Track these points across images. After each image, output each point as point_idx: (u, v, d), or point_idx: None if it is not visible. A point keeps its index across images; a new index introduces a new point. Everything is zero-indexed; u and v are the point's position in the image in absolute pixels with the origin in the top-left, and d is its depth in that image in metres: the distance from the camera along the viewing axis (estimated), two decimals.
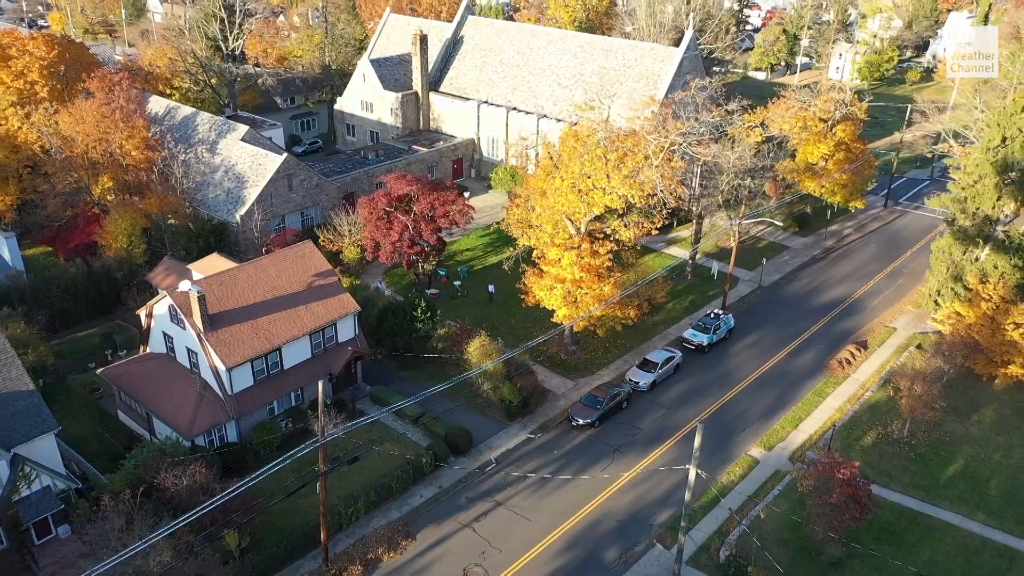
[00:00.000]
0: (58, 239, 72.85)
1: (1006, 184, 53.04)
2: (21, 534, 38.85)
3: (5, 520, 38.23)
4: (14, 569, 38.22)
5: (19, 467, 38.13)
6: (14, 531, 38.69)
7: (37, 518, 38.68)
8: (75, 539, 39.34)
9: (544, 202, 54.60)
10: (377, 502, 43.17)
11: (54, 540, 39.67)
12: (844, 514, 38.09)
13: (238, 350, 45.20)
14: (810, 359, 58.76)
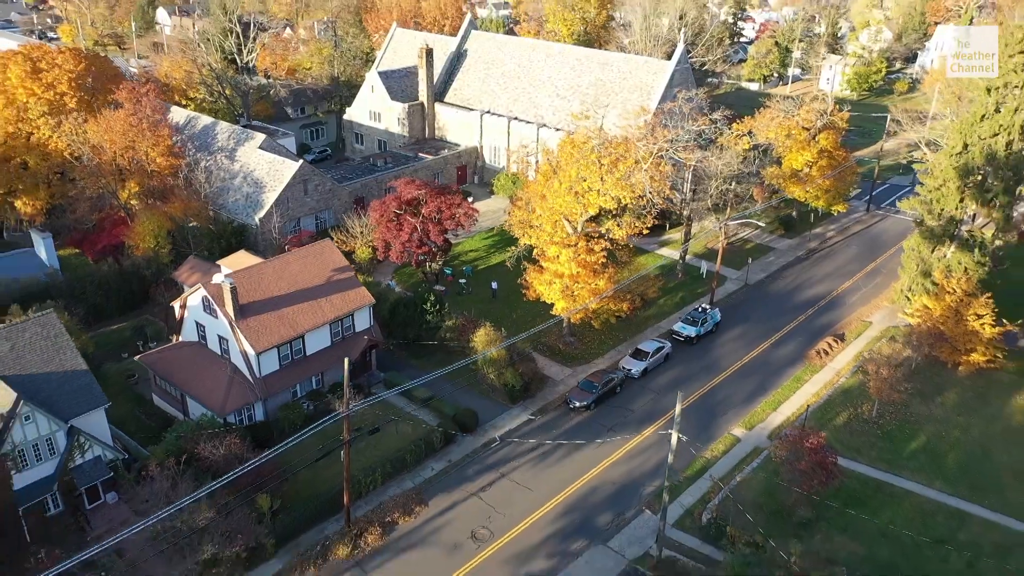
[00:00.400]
0: (85, 241, 77.42)
1: (968, 187, 57.70)
2: (75, 499, 43.36)
3: (61, 485, 42.73)
4: (69, 530, 42.65)
5: (74, 438, 42.67)
6: (69, 496, 43.19)
7: (89, 484, 43.20)
8: (121, 504, 43.92)
9: (544, 204, 59.26)
10: (393, 473, 47.67)
11: (103, 505, 44.14)
12: (812, 479, 42.66)
13: (266, 337, 49.81)
14: (791, 350, 63.33)
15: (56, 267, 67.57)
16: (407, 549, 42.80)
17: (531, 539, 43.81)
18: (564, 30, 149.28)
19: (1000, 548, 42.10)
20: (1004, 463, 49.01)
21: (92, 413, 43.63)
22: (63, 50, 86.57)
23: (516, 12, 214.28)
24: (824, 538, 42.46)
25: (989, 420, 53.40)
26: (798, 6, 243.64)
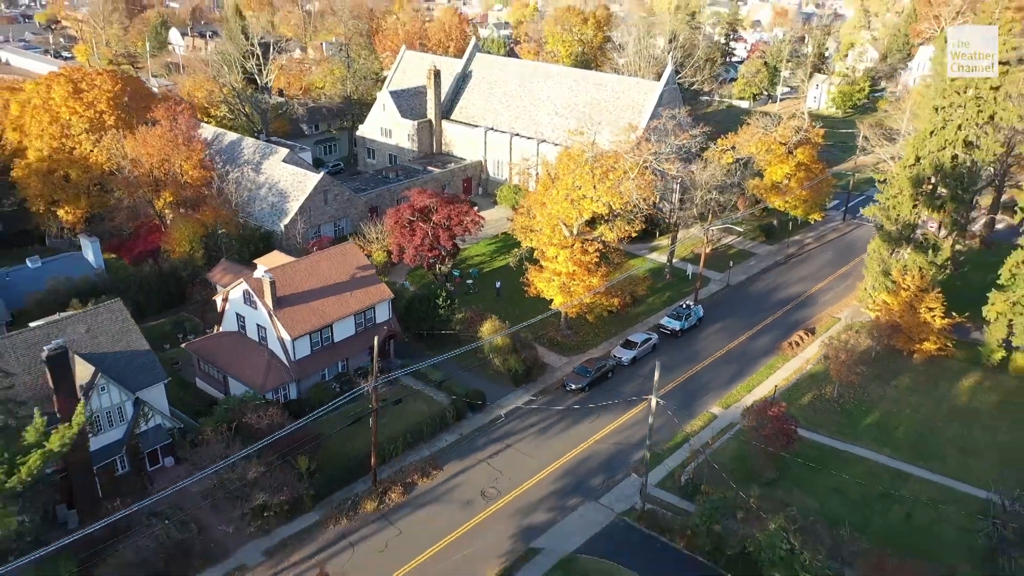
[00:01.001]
0: (122, 247, 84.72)
1: (920, 196, 64.88)
2: (139, 461, 50.24)
3: (128, 449, 49.61)
4: (135, 488, 49.47)
5: (140, 407, 49.61)
6: (134, 458, 50.07)
7: (151, 448, 50.16)
8: (178, 467, 50.75)
9: (543, 211, 66.45)
10: (412, 443, 54.54)
11: (161, 468, 51.01)
12: (775, 442, 49.59)
13: (300, 325, 56.85)
14: (766, 342, 70.33)
15: (103, 268, 74.56)
16: (426, 504, 49.63)
17: (533, 497, 50.64)
18: (563, 51, 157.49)
19: (934, 501, 48.96)
20: (947, 436, 55.89)
21: (154, 387, 50.57)
22: (101, 72, 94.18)
23: (516, 32, 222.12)
24: (785, 494, 49.26)
25: (938, 400, 60.32)
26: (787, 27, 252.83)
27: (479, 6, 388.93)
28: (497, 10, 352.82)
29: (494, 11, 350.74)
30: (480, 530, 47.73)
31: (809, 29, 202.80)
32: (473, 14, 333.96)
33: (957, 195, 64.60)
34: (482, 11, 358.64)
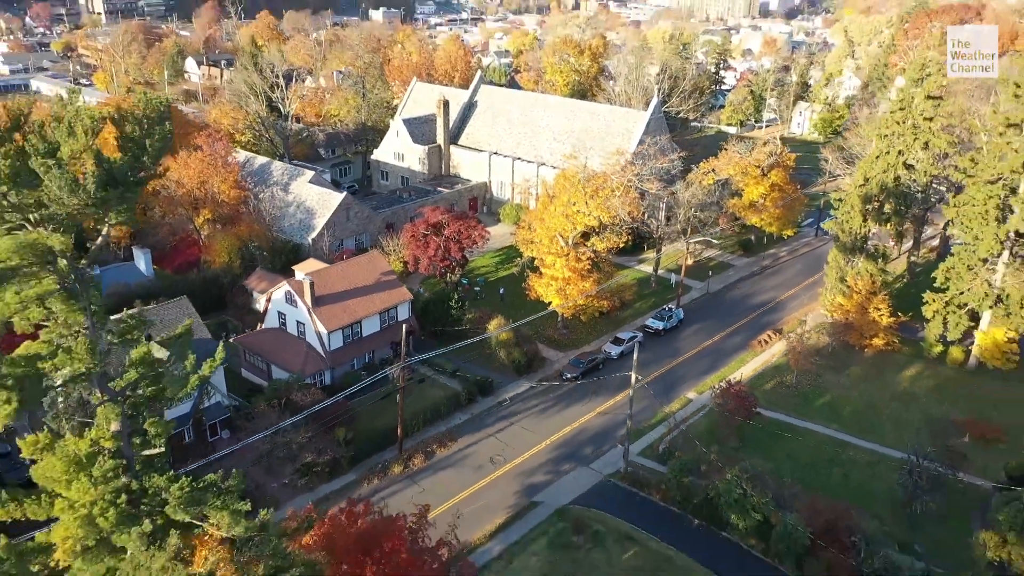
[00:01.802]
0: (164, 259, 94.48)
1: (869, 211, 74.82)
2: (201, 432, 59.71)
3: (194, 422, 59.10)
4: (198, 455, 58.84)
5: (204, 386, 59.15)
6: (198, 430, 59.54)
7: (212, 421, 59.64)
8: (233, 439, 60.15)
9: (542, 225, 76.39)
10: (430, 420, 63.98)
11: (219, 440, 60.45)
12: (737, 414, 59.12)
13: (334, 320, 66.55)
14: (739, 340, 79.96)
15: (152, 276, 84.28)
16: (444, 468, 59.05)
17: (533, 464, 60.07)
18: (560, 80, 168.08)
19: (869, 464, 58.48)
20: (886, 414, 65.40)
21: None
22: (126, 99, 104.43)
23: (517, 62, 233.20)
24: (745, 458, 58.66)
25: (882, 387, 69.89)
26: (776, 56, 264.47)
27: (480, 34, 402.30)
28: (498, 38, 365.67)
29: (495, 39, 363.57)
30: (490, 488, 57.14)
31: (794, 59, 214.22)
32: (474, 42, 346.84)
33: (900, 210, 74.63)
34: (483, 39, 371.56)
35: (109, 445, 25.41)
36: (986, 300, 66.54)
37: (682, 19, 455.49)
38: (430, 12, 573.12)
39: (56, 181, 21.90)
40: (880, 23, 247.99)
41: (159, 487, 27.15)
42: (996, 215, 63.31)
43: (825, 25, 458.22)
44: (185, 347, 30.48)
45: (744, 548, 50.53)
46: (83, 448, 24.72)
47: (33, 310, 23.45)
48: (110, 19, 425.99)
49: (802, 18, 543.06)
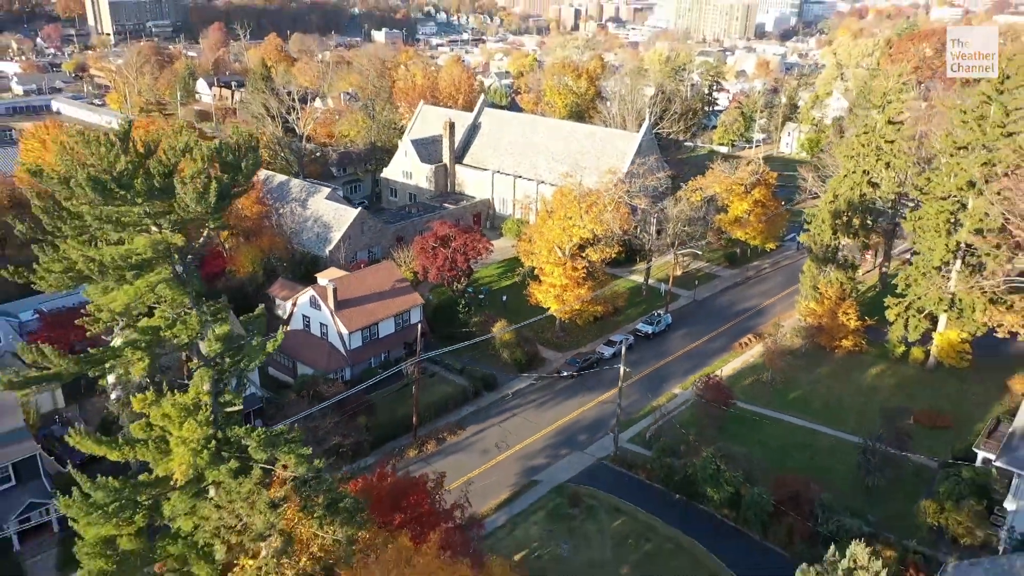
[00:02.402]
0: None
1: (838, 225, 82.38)
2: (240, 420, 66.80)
3: None
4: None
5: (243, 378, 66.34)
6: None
7: (248, 410, 66.82)
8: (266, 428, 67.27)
9: (542, 237, 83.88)
10: (441, 412, 71.18)
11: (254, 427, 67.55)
12: (715, 406, 66.37)
13: (354, 322, 73.93)
14: (722, 343, 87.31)
15: None
16: (454, 452, 66.22)
17: (533, 449, 67.28)
18: (559, 102, 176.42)
19: (831, 448, 65.74)
20: (851, 406, 72.65)
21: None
22: (154, 122, 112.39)
23: (517, 83, 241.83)
24: (722, 443, 65.86)
25: (848, 383, 77.17)
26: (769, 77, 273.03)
27: (481, 55, 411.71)
28: (498, 59, 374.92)
29: (495, 60, 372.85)
30: (495, 469, 64.30)
31: (783, 81, 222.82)
32: (476, 62, 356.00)
33: (866, 224, 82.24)
34: (484, 60, 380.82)
35: (206, 399, 32.74)
36: (941, 304, 73.97)
37: (679, 40, 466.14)
38: (431, 33, 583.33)
39: (189, 194, 29.32)
40: (868, 47, 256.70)
41: (239, 436, 34.45)
42: (947, 228, 70.87)
43: (819, 46, 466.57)
44: (260, 327, 37.76)
45: (718, 517, 57.69)
46: (189, 399, 32.05)
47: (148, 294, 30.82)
48: (118, 40, 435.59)
49: (797, 39, 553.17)
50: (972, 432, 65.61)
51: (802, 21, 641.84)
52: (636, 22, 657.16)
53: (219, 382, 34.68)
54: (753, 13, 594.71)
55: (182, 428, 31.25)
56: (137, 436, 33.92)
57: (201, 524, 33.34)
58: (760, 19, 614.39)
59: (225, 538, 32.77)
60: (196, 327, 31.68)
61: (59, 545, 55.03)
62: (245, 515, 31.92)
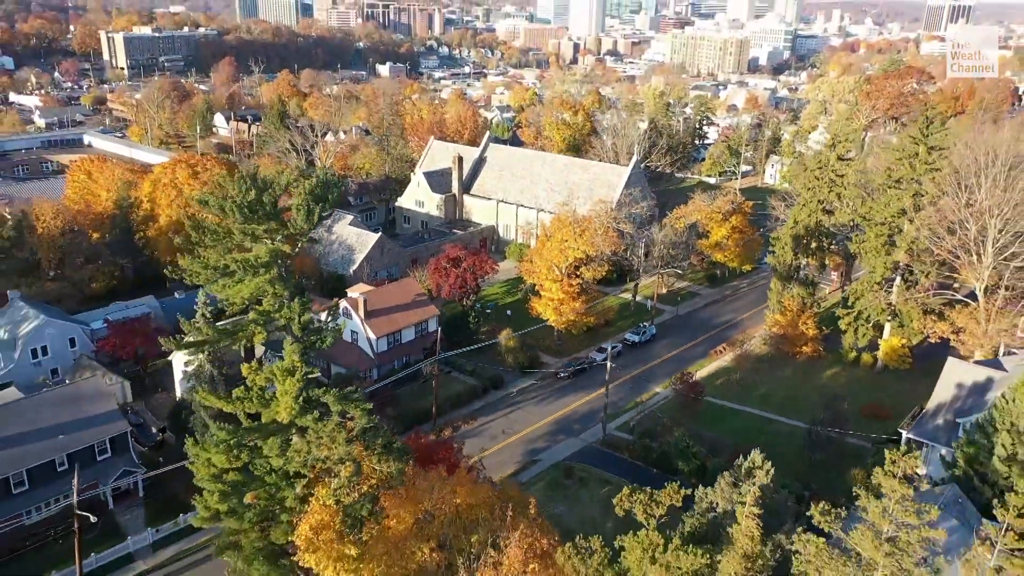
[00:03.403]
0: None
1: (798, 248, 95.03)
2: None
3: None
4: None
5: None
6: None
7: None
8: None
9: (541, 258, 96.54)
10: (456, 405, 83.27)
11: None
12: (687, 397, 78.55)
13: (381, 328, 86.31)
14: (700, 350, 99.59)
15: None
16: (468, 437, 78.01)
17: (535, 435, 79.33)
18: (557, 136, 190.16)
19: (787, 433, 77.80)
20: (805, 400, 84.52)
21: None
22: (210, 158, 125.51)
23: (518, 117, 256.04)
24: (694, 428, 77.92)
25: (806, 382, 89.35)
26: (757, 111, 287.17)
27: (483, 88, 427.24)
28: (499, 93, 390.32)
29: (496, 94, 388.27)
30: (503, 451, 76.33)
31: (767, 116, 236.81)
32: (477, 96, 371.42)
33: (821, 247, 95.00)
34: (486, 93, 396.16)
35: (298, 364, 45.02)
36: (883, 314, 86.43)
37: (674, 74, 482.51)
38: (434, 66, 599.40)
39: (300, 216, 41.82)
40: (849, 83, 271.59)
41: (319, 395, 46.64)
42: (885, 249, 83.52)
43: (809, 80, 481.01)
44: (335, 315, 50.13)
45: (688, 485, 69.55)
46: (287, 364, 44.34)
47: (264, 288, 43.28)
48: (132, 74, 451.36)
49: (789, 73, 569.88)
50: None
51: (795, 55, 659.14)
52: (633, 56, 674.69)
53: (305, 353, 46.88)
54: (746, 48, 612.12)
55: (284, 383, 43.55)
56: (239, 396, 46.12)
57: (292, 458, 45.48)
58: (754, 53, 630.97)
59: (312, 465, 44.94)
60: (296, 312, 44.08)
61: (144, 506, 67.10)
62: (327, 449, 44.03)
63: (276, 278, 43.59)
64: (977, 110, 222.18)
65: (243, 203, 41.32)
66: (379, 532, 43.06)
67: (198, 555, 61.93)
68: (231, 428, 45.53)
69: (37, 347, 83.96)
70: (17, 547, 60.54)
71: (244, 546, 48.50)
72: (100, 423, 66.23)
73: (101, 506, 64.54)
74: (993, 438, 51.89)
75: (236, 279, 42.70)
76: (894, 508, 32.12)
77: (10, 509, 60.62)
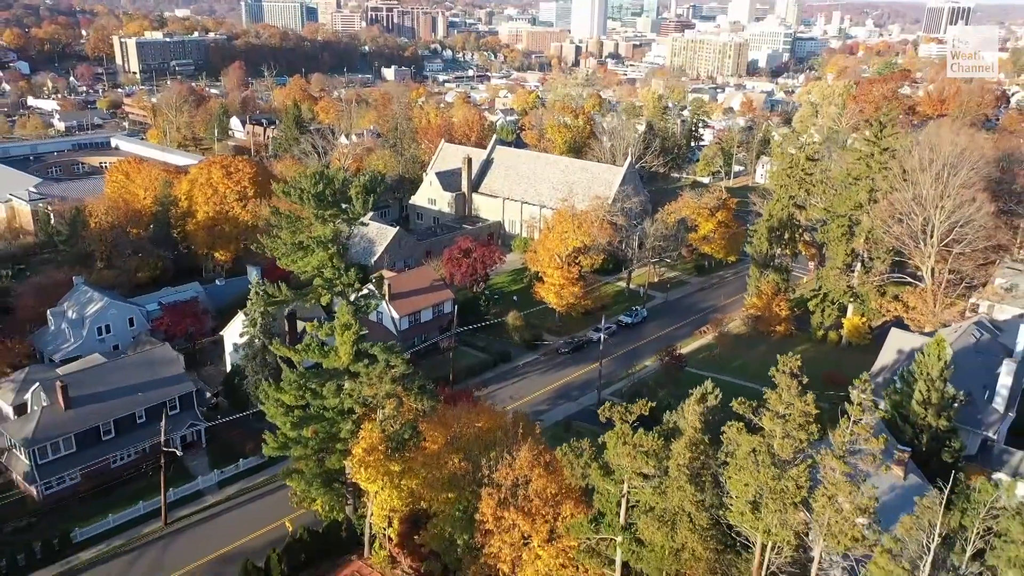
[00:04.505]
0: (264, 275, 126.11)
1: (773, 239, 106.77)
2: None
3: None
4: None
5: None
6: None
7: None
8: None
9: (544, 248, 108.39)
10: (470, 376, 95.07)
11: None
12: (671, 365, 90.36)
13: (404, 309, 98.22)
14: (686, 331, 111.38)
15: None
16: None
17: (539, 400, 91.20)
18: (558, 138, 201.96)
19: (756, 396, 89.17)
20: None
21: None
22: (242, 160, 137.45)
23: (522, 121, 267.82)
24: (676, 391, 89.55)
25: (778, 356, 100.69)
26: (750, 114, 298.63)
27: (486, 91, 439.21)
28: (503, 96, 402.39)
29: (500, 97, 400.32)
30: (509, 413, 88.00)
31: (762, 117, 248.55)
32: (481, 99, 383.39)
33: (793, 237, 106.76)
34: (489, 96, 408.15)
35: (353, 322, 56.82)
36: (846, 296, 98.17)
37: (674, 77, 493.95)
38: (438, 69, 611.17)
39: (358, 203, 53.70)
40: (839, 87, 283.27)
41: (367, 347, 58.48)
42: (845, 238, 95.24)
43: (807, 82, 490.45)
44: (380, 285, 62.02)
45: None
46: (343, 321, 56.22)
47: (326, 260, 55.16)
48: (144, 78, 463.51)
49: (787, 76, 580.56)
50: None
51: (794, 58, 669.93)
52: (634, 59, 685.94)
53: (356, 314, 58.70)
54: (745, 51, 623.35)
55: (343, 335, 55.46)
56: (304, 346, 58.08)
57: (346, 397, 57.34)
58: (754, 55, 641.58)
59: (362, 403, 56.80)
60: (351, 279, 55.99)
61: (207, 454, 79.02)
62: (375, 388, 55.86)
63: (336, 253, 55.53)
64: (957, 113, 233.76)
65: (315, 193, 53.23)
66: (418, 451, 54.92)
67: (255, 493, 73.95)
68: (299, 372, 57.46)
69: (101, 325, 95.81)
70: (107, 482, 72.53)
71: (305, 472, 60.31)
72: (171, 384, 78.19)
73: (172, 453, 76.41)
74: (913, 386, 63.65)
75: (307, 252, 54.61)
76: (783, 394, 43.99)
77: (100, 453, 72.59)
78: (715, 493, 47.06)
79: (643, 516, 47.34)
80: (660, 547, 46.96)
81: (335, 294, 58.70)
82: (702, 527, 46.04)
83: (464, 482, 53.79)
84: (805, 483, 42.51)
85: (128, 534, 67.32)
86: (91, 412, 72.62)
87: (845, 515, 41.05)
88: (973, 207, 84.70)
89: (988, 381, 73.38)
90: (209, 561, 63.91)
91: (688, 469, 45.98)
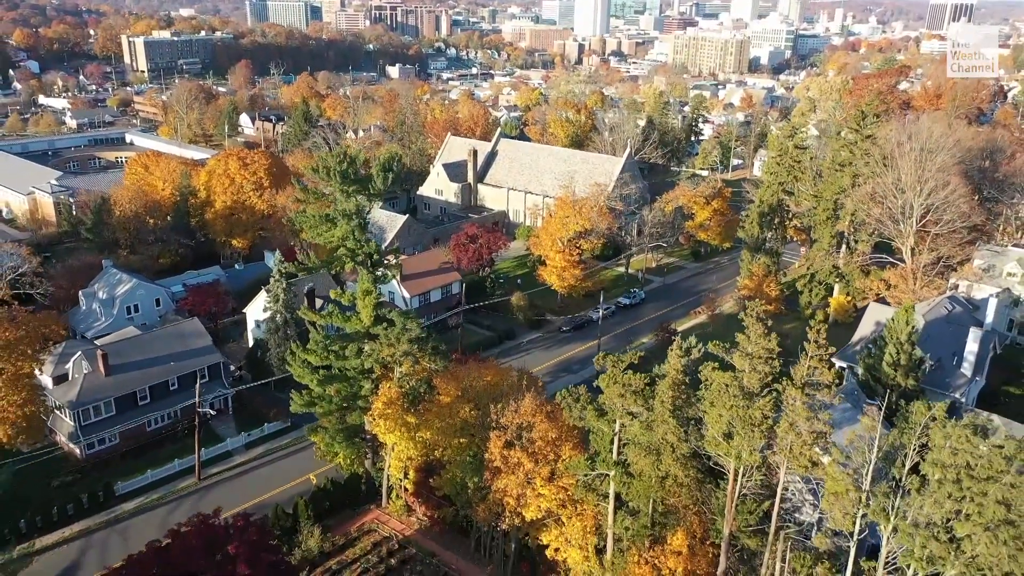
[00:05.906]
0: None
1: (763, 223, 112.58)
2: None
3: None
4: None
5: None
6: None
7: None
8: None
9: (546, 233, 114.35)
10: (476, 351, 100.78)
11: None
12: (663, 339, 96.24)
13: (414, 289, 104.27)
14: (681, 312, 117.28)
15: None
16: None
17: (541, 373, 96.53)
18: (561, 132, 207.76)
19: None
20: None
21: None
22: (258, 152, 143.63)
23: (525, 116, 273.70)
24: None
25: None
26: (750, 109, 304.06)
27: (490, 89, 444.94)
28: (506, 93, 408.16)
29: (503, 94, 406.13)
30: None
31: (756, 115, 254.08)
32: (485, 96, 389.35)
33: (783, 222, 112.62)
34: (493, 94, 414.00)
35: (372, 289, 62.78)
36: (831, 276, 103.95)
37: (676, 74, 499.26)
38: (442, 67, 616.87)
39: (380, 180, 59.76)
40: (836, 83, 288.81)
41: (385, 312, 64.50)
42: (831, 221, 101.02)
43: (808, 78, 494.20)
44: (398, 255, 68.01)
45: None
46: (364, 288, 62.19)
47: (348, 231, 61.20)
48: (152, 76, 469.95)
49: (789, 72, 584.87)
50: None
51: (796, 55, 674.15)
52: (637, 56, 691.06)
53: (375, 282, 64.72)
54: (746, 48, 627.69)
55: (364, 300, 61.51)
56: (328, 312, 64.16)
57: (367, 358, 63.39)
58: (756, 52, 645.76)
59: (381, 363, 62.86)
60: (371, 250, 62.03)
61: (234, 420, 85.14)
62: (393, 348, 61.87)
63: (358, 226, 61.58)
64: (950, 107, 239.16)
65: (341, 171, 59.29)
66: (432, 404, 61.03)
67: (280, 453, 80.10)
68: (323, 335, 63.56)
69: (130, 305, 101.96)
70: (143, 443, 78.74)
71: (328, 428, 66.42)
72: (200, 354, 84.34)
73: (205, 413, 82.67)
74: (884, 350, 69.53)
75: (332, 225, 60.70)
76: (751, 334, 50.16)
77: (137, 416, 78.79)
78: (695, 429, 53.11)
79: (633, 447, 53.32)
80: (648, 476, 52.95)
81: (357, 263, 64.64)
82: (683, 455, 52.05)
83: (474, 428, 59.85)
84: (771, 412, 48.45)
85: (165, 488, 73.58)
86: (129, 378, 78.79)
87: (804, 439, 46.97)
88: (947, 189, 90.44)
89: (957, 349, 79.31)
90: (243, 509, 69.96)
91: (671, 405, 51.85)
